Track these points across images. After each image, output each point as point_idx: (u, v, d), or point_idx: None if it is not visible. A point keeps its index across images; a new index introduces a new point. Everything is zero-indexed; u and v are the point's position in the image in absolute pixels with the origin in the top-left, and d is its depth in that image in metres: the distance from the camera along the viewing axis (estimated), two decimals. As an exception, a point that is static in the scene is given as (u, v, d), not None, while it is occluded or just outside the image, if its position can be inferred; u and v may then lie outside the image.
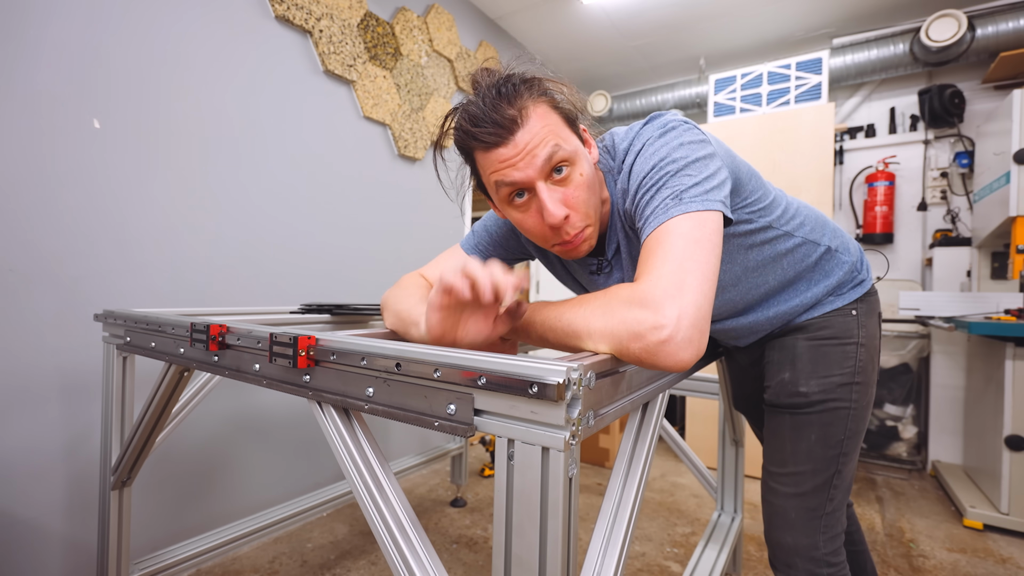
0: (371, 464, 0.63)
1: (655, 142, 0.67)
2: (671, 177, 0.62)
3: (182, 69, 1.60)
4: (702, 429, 2.82)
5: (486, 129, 0.64)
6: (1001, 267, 2.73)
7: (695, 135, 0.67)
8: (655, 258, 0.57)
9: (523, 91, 0.65)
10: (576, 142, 0.68)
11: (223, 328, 0.79)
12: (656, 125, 0.69)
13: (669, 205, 0.60)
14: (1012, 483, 2.01)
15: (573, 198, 0.66)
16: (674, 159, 0.64)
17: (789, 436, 0.88)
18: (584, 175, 0.67)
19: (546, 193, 0.65)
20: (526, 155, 0.64)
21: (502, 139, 0.64)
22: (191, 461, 1.66)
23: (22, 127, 1.29)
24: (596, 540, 0.56)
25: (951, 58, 2.75)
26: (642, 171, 0.66)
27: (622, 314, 0.54)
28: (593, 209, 0.69)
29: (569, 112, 0.69)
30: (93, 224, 1.41)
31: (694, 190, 0.61)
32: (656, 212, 0.61)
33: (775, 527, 0.90)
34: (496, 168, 0.66)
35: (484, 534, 1.94)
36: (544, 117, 0.65)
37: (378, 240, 2.34)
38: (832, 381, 0.86)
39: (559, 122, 0.66)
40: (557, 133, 0.65)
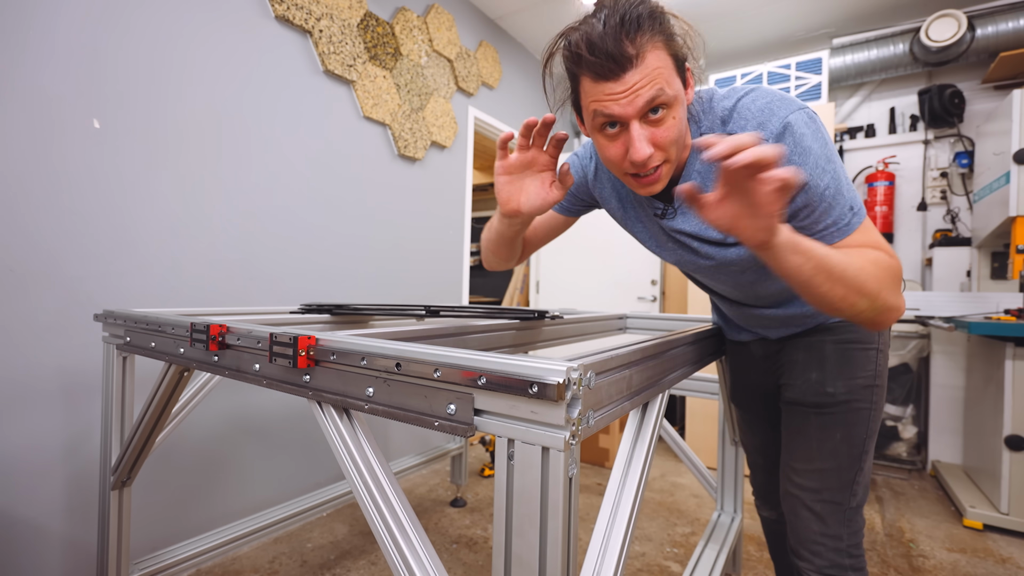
0: (371, 464, 0.63)
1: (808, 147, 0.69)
2: (838, 190, 0.69)
3: (182, 69, 1.60)
4: (702, 429, 2.82)
5: (600, 60, 0.64)
6: (1001, 267, 2.73)
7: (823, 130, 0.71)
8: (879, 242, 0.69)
9: (646, 27, 0.64)
10: (679, 86, 0.68)
11: (223, 328, 0.79)
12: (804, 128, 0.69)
13: (848, 216, 0.70)
14: (1012, 483, 2.01)
15: (662, 139, 0.68)
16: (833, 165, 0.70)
17: (815, 435, 0.90)
18: (677, 119, 0.68)
19: (637, 131, 0.67)
20: (631, 94, 0.65)
21: (614, 74, 0.64)
22: (191, 461, 1.66)
23: (23, 127, 1.29)
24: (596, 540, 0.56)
25: (951, 58, 2.75)
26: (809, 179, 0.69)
27: (893, 286, 0.65)
28: (676, 151, 0.71)
29: (680, 53, 0.69)
30: (93, 224, 1.41)
31: (858, 200, 0.71)
32: (841, 222, 0.70)
33: (800, 518, 0.91)
34: (599, 98, 0.67)
35: (484, 534, 1.94)
36: (659, 58, 0.65)
37: (378, 240, 2.33)
38: (857, 383, 0.88)
39: (670, 65, 0.66)
40: (665, 76, 0.65)
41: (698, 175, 0.78)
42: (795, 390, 0.93)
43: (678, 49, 0.68)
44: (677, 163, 0.74)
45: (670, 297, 3.43)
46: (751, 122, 0.72)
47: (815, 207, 0.70)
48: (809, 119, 0.70)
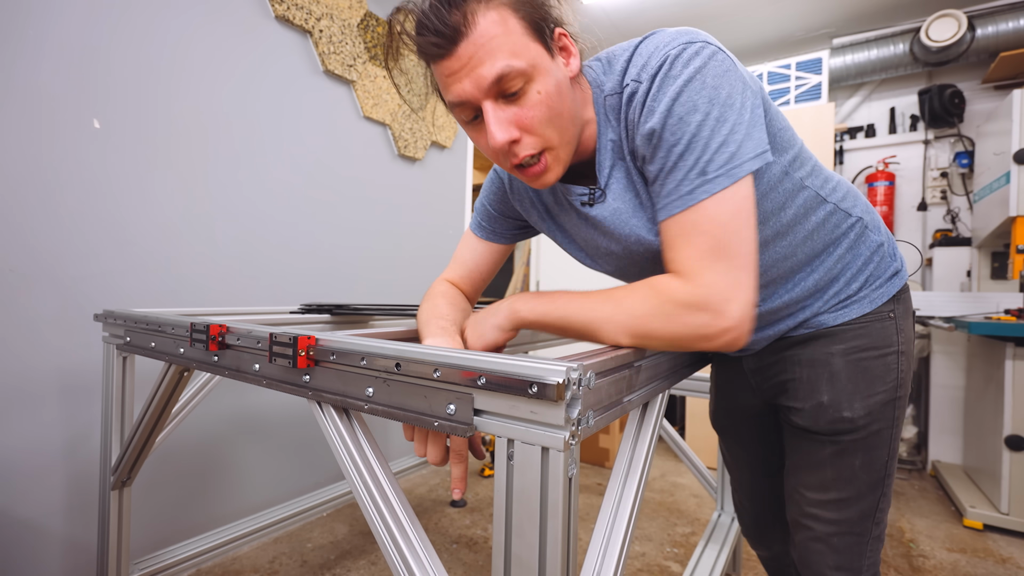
0: (371, 464, 0.63)
1: (676, 83, 0.55)
2: (693, 141, 0.55)
3: (182, 69, 1.60)
4: (702, 429, 2.82)
5: (427, 38, 0.56)
6: (1001, 267, 2.73)
7: (724, 64, 0.57)
8: (696, 249, 0.55)
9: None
10: (537, 53, 0.57)
11: (223, 328, 0.79)
12: (680, 61, 0.56)
13: (695, 183, 0.55)
14: (1012, 483, 2.01)
15: (527, 118, 0.58)
16: (697, 108, 0.55)
17: (830, 462, 0.77)
18: (544, 92, 0.57)
19: (491, 114, 0.57)
20: (470, 71, 0.56)
21: (444, 50, 0.56)
22: (191, 461, 1.66)
23: (22, 127, 1.29)
24: (596, 540, 0.55)
25: (951, 58, 2.75)
26: (658, 121, 0.56)
27: (684, 318, 0.55)
28: (558, 131, 0.60)
29: (535, 14, 0.57)
30: (93, 224, 1.41)
31: (720, 156, 0.54)
32: (680, 189, 0.56)
33: (812, 551, 0.80)
34: (444, 84, 0.59)
35: (484, 534, 1.94)
36: (497, 23, 0.55)
37: (378, 240, 2.34)
38: (876, 400, 0.74)
39: (519, 29, 0.56)
40: (512, 45, 0.55)
41: (613, 146, 0.65)
42: (804, 416, 0.78)
43: (531, 9, 0.57)
44: (572, 148, 0.63)
45: (670, 297, 3.43)
46: (641, 68, 0.59)
47: (662, 167, 0.57)
48: (694, 54, 0.56)
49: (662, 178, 0.58)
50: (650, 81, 0.57)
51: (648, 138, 0.58)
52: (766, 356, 0.83)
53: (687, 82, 0.55)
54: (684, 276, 0.56)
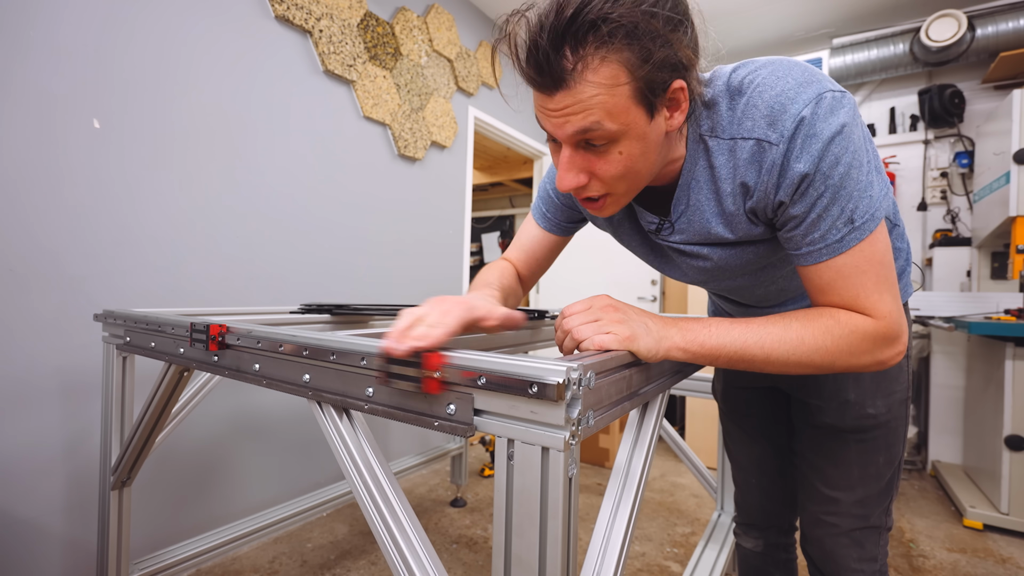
0: (371, 464, 0.63)
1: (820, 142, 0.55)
2: (838, 194, 0.56)
3: (182, 69, 1.60)
4: (702, 429, 2.82)
5: (532, 68, 0.53)
6: (1001, 267, 2.73)
7: (852, 110, 0.57)
8: (865, 287, 0.59)
9: (591, 39, 0.49)
10: (635, 117, 0.54)
11: (223, 328, 0.79)
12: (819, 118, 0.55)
13: (843, 231, 0.57)
14: (1012, 483, 2.01)
15: (601, 171, 0.59)
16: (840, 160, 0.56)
17: (857, 461, 0.83)
18: (627, 154, 0.57)
19: (566, 158, 0.58)
20: (560, 117, 0.55)
21: (544, 87, 0.54)
22: (191, 461, 1.66)
23: (22, 127, 1.29)
24: (596, 540, 0.55)
25: (951, 58, 2.75)
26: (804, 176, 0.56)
27: (872, 351, 0.59)
28: (627, 184, 0.61)
29: (653, 74, 0.52)
30: (93, 224, 1.41)
31: (863, 203, 0.57)
32: (828, 237, 0.58)
33: (839, 546, 0.85)
34: (536, 105, 0.58)
35: (484, 534, 1.94)
36: (604, 83, 0.51)
37: (378, 239, 2.33)
38: (895, 398, 0.81)
39: (625, 92, 0.52)
40: (610, 106, 0.52)
41: (696, 186, 0.66)
42: (830, 414, 0.83)
43: (650, 65, 0.51)
44: (635, 193, 0.64)
45: (670, 297, 3.43)
46: (760, 122, 0.58)
47: (807, 215, 0.58)
48: (829, 110, 0.55)
49: (806, 227, 0.59)
50: (788, 143, 0.56)
51: (792, 190, 0.58)
52: None
53: (829, 141, 0.55)
54: (865, 310, 0.59)
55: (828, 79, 0.58)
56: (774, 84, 0.58)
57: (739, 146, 0.60)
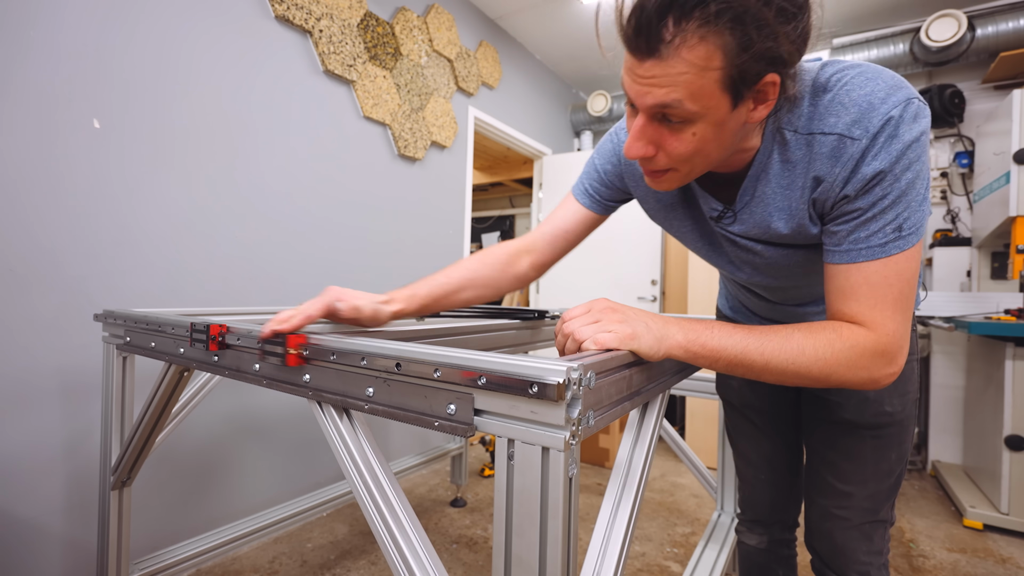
0: (371, 464, 0.63)
1: (900, 143, 0.56)
2: (900, 199, 0.57)
3: (182, 69, 1.60)
4: (702, 429, 2.82)
5: (631, 27, 0.52)
6: (1001, 267, 2.73)
7: (927, 122, 0.58)
8: (882, 301, 0.59)
9: (697, 14, 0.48)
10: (718, 103, 0.54)
11: (223, 328, 0.79)
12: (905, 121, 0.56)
13: (889, 237, 0.58)
14: (1012, 483, 2.01)
15: (670, 146, 0.58)
16: (911, 167, 0.57)
17: (871, 456, 0.85)
18: (700, 136, 0.56)
19: (639, 126, 0.58)
20: (644, 84, 0.54)
21: (637, 50, 0.53)
22: (191, 461, 1.66)
23: (22, 127, 1.29)
24: (596, 540, 0.55)
25: (951, 58, 2.75)
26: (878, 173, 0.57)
27: (867, 366, 0.59)
28: (692, 165, 0.61)
29: (749, 63, 0.51)
30: (93, 224, 1.41)
31: (914, 215, 0.58)
32: (872, 240, 0.59)
33: (851, 540, 0.87)
34: (625, 67, 0.56)
35: (484, 534, 1.94)
36: (698, 61, 0.50)
37: (378, 239, 2.33)
38: (909, 397, 0.84)
39: (715, 76, 0.51)
40: (696, 86, 0.52)
41: (765, 180, 0.66)
42: (849, 410, 0.85)
43: (749, 53, 0.50)
44: (699, 174, 0.64)
45: (670, 297, 3.43)
46: (844, 118, 0.58)
47: (865, 211, 0.58)
48: (914, 116, 0.56)
49: (856, 223, 0.59)
50: (872, 139, 0.57)
51: (861, 185, 0.58)
52: None
53: (909, 145, 0.56)
54: (868, 326, 0.59)
55: (914, 88, 0.59)
56: (864, 84, 0.58)
57: (818, 141, 0.60)
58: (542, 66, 3.64)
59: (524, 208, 5.68)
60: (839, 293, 0.62)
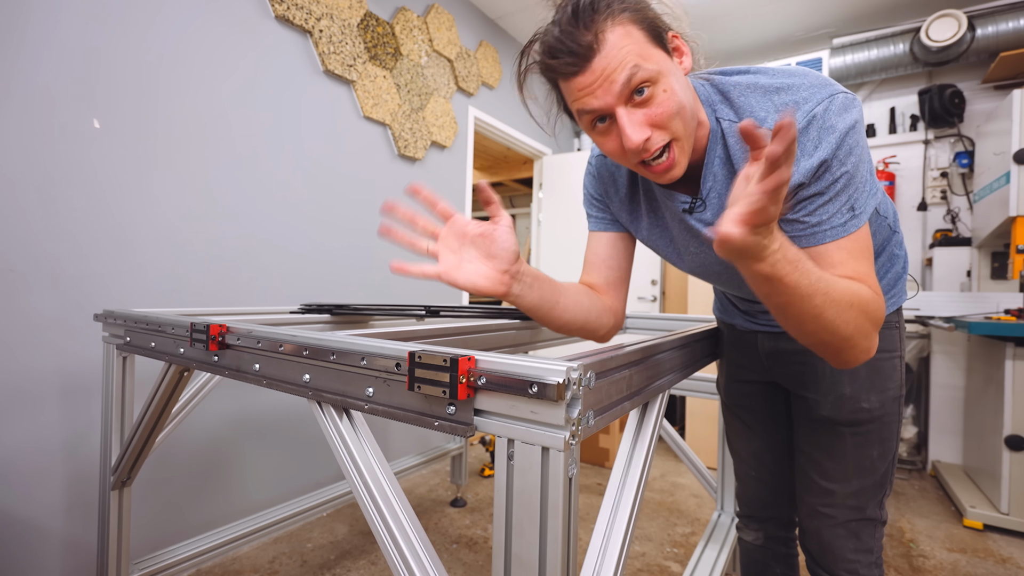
0: (371, 464, 0.63)
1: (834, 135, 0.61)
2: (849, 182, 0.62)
3: (182, 69, 1.60)
4: (702, 429, 2.82)
5: (563, 60, 0.62)
6: (1001, 267, 2.73)
7: (859, 110, 0.63)
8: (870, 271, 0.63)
9: (601, 9, 0.61)
10: (661, 58, 0.63)
11: (223, 328, 0.79)
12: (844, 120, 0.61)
13: (846, 217, 0.63)
14: (1012, 483, 2.01)
15: (656, 115, 0.62)
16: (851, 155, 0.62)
17: (852, 453, 0.86)
18: (669, 89, 0.62)
19: (625, 118, 0.62)
20: (603, 81, 0.61)
21: (579, 68, 0.61)
22: (191, 461, 1.66)
23: (22, 127, 1.29)
24: (596, 540, 0.55)
25: (951, 58, 2.75)
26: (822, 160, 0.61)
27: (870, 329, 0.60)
28: (683, 122, 0.64)
29: (655, 23, 0.63)
30: (93, 224, 1.41)
31: (862, 195, 0.63)
32: (833, 220, 0.63)
33: (836, 536, 0.88)
34: (576, 97, 0.64)
35: (484, 534, 1.94)
36: (624, 36, 0.61)
37: (378, 240, 2.33)
38: (888, 395, 0.85)
39: (642, 38, 0.62)
40: (639, 52, 0.61)
41: (720, 163, 0.71)
42: (826, 407, 0.87)
43: (650, 17, 0.63)
44: (692, 141, 0.67)
45: (670, 297, 3.43)
46: (773, 114, 0.64)
47: (819, 196, 0.63)
48: (841, 107, 0.62)
49: (816, 209, 0.63)
50: (799, 135, 0.62)
51: (811, 174, 0.63)
52: (783, 342, 0.92)
53: (845, 133, 0.61)
54: (874, 289, 0.62)
55: (838, 85, 0.65)
56: (788, 84, 0.65)
57: None
58: None
59: (524, 208, 5.68)
60: (830, 265, 0.63)
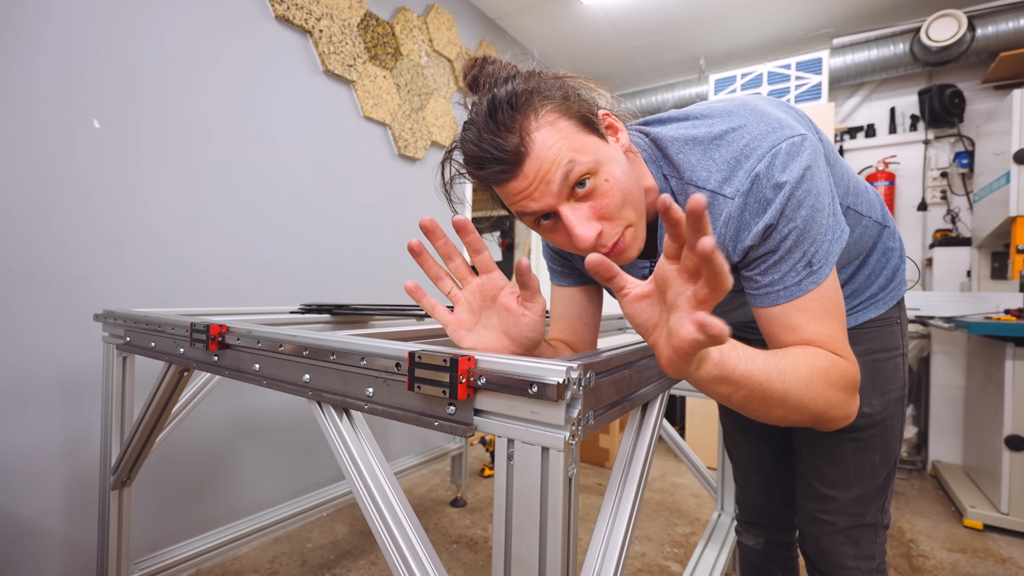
0: (371, 464, 0.63)
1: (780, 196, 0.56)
2: (802, 237, 0.57)
3: (182, 69, 1.60)
4: (702, 429, 2.82)
5: (491, 169, 0.57)
6: (1001, 267, 2.73)
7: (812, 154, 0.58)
8: (836, 329, 0.59)
9: (521, 106, 0.57)
10: (596, 145, 0.58)
11: (223, 328, 0.79)
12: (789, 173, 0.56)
13: (802, 274, 0.58)
14: (1012, 483, 2.01)
15: (603, 208, 0.58)
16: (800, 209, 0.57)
17: (852, 459, 0.83)
18: (611, 178, 0.58)
19: (571, 216, 0.58)
20: (539, 183, 0.56)
21: (511, 175, 0.57)
22: (191, 461, 1.66)
23: (21, 127, 1.29)
24: (596, 540, 0.55)
25: (951, 58, 2.75)
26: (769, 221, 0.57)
27: (844, 398, 0.57)
28: (631, 207, 0.60)
29: (580, 108, 0.59)
30: (93, 224, 1.41)
31: (821, 248, 0.58)
32: (787, 280, 0.59)
33: (835, 543, 0.85)
34: (512, 200, 0.60)
35: (484, 534, 1.94)
36: (552, 132, 0.56)
37: (378, 240, 2.33)
38: (891, 397, 0.82)
39: (571, 129, 0.57)
40: (570, 146, 0.56)
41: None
42: None
43: (573, 104, 0.59)
44: (644, 217, 0.63)
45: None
46: (716, 174, 0.60)
47: (770, 255, 0.59)
48: (787, 159, 0.56)
49: (767, 268, 0.60)
50: (744, 198, 0.59)
51: (758, 238, 0.59)
52: None
53: (792, 190, 0.56)
54: (840, 352, 0.58)
55: (785, 124, 0.59)
56: (725, 133, 0.60)
57: (695, 192, 0.61)
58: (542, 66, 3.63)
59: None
60: (788, 330, 0.60)
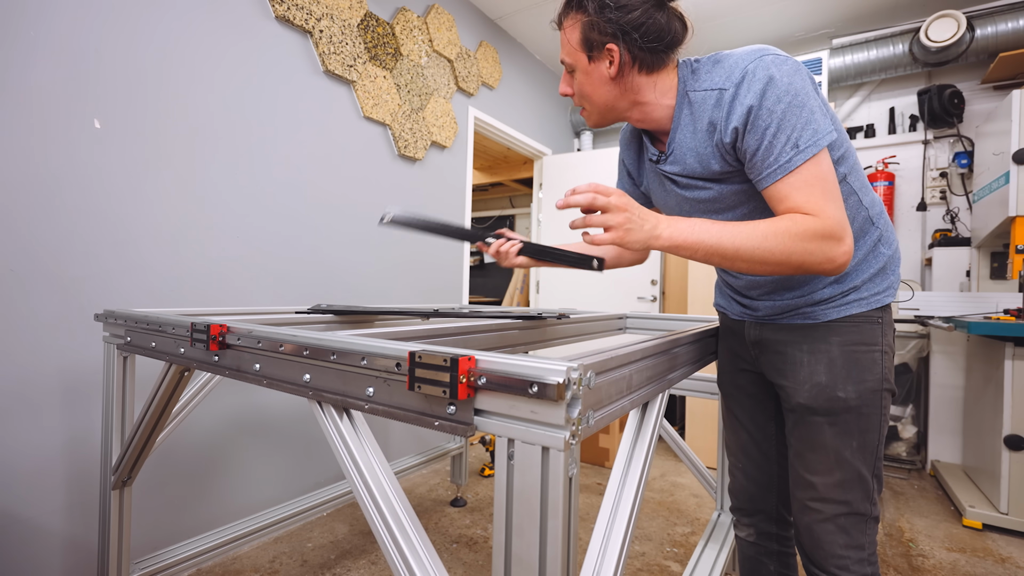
0: (371, 464, 0.63)
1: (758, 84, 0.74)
2: (783, 124, 0.73)
3: (182, 70, 1.60)
4: (702, 429, 2.82)
5: (558, 18, 0.88)
6: (1000, 267, 2.73)
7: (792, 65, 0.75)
8: (813, 195, 0.72)
9: (573, 7, 0.85)
10: (580, 58, 0.86)
11: (223, 328, 0.80)
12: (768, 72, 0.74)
13: (790, 155, 0.73)
14: (1011, 483, 2.01)
15: (573, 88, 0.90)
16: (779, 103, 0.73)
17: (832, 444, 0.88)
18: (579, 81, 0.88)
19: (564, 75, 0.92)
20: (561, 48, 0.89)
21: (558, 28, 0.89)
22: (191, 461, 1.66)
23: (21, 127, 1.29)
24: (596, 540, 0.56)
25: (951, 58, 2.75)
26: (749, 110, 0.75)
27: (818, 246, 0.71)
28: (589, 102, 0.89)
29: (593, 35, 0.83)
30: (93, 224, 1.42)
31: (806, 136, 0.72)
32: (778, 160, 0.74)
33: (825, 532, 0.89)
34: None
35: (484, 534, 1.94)
36: (570, 33, 0.85)
37: (378, 239, 2.34)
38: (867, 387, 0.87)
39: (575, 39, 0.85)
40: (568, 48, 0.86)
41: (682, 126, 0.87)
42: (803, 395, 0.90)
43: (592, 32, 0.83)
44: (603, 114, 0.90)
45: (670, 297, 3.43)
46: (720, 78, 0.80)
47: (759, 144, 0.74)
48: (769, 64, 0.74)
49: (761, 154, 0.75)
50: (736, 87, 0.77)
51: (744, 119, 0.76)
52: (767, 331, 0.98)
53: (767, 83, 0.73)
54: (813, 213, 0.72)
55: (779, 51, 0.77)
56: (735, 55, 0.80)
57: (708, 95, 0.82)
58: (542, 66, 3.64)
59: (524, 208, 5.68)
60: (777, 202, 0.75)
